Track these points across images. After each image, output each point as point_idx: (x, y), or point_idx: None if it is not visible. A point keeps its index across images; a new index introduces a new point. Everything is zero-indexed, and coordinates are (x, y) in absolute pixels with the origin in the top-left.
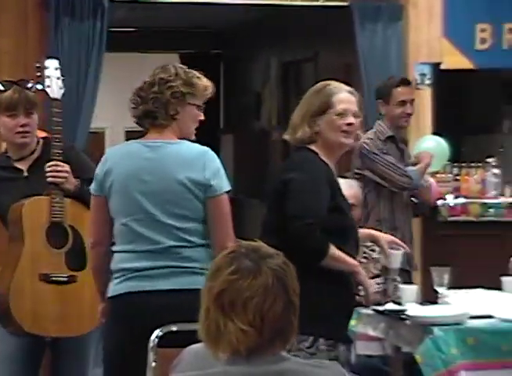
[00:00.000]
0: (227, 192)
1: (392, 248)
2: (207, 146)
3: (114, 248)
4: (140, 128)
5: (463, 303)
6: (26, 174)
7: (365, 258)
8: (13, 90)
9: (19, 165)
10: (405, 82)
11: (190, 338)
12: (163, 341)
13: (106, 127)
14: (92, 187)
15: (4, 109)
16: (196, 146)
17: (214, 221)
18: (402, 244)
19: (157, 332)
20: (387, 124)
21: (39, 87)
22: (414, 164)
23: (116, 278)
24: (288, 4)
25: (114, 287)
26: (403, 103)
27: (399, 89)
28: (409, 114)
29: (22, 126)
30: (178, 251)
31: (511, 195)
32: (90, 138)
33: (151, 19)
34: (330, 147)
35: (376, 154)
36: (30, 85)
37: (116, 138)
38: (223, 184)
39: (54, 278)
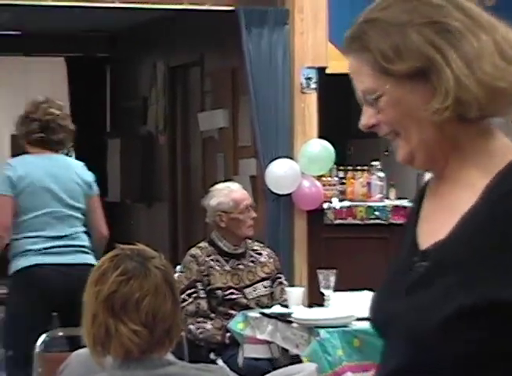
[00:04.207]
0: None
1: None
2: (94, 151)
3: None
4: None
5: (348, 305)
6: None
7: (252, 261)
8: None
9: None
10: None
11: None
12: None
13: None
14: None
15: None
16: None
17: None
18: None
19: (44, 337)
20: None
21: None
22: None
23: (21, 256)
24: (175, 8)
25: (19, 263)
26: None
27: None
28: None
29: None
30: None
31: (396, 198)
32: None
33: (37, 22)
34: None
35: None
36: None
37: (1, 143)
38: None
39: None
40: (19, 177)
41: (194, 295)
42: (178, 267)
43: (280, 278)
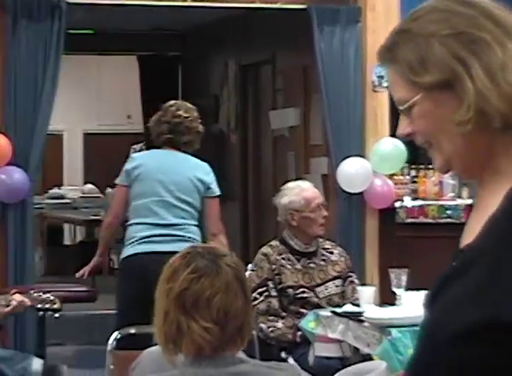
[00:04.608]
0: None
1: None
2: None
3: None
4: (98, 131)
5: (420, 305)
6: None
7: (323, 260)
8: None
9: None
10: None
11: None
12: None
13: (64, 129)
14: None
15: None
16: None
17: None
18: None
19: (115, 335)
20: None
21: None
22: None
23: (127, 245)
24: (247, 6)
25: (124, 252)
26: None
27: None
28: None
29: None
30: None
31: (468, 197)
32: (48, 140)
33: (109, 21)
34: None
35: None
36: None
37: (74, 140)
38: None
39: None
40: (134, 167)
41: (265, 294)
42: (250, 266)
43: (351, 277)
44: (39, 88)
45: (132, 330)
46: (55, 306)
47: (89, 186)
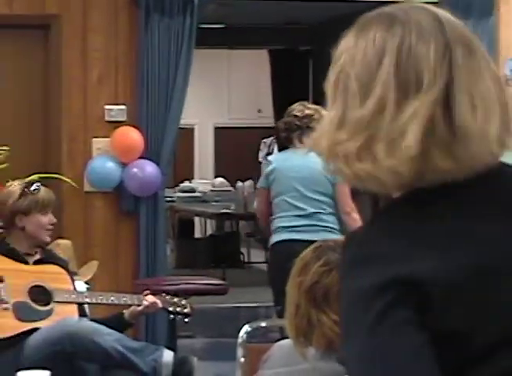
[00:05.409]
0: None
1: None
2: None
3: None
4: (228, 125)
5: None
6: None
7: None
8: (46, 190)
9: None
10: None
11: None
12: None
13: (195, 123)
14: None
15: (40, 208)
16: None
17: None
18: None
19: (246, 327)
20: None
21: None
22: None
23: (275, 233)
24: (378, 0)
25: (272, 239)
26: None
27: None
28: None
29: (52, 224)
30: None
31: None
32: (179, 134)
33: (240, 15)
34: None
35: None
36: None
37: (205, 134)
38: None
39: None
40: (271, 170)
41: None
42: None
43: None
44: (171, 82)
45: (263, 323)
46: (186, 310)
47: (220, 179)
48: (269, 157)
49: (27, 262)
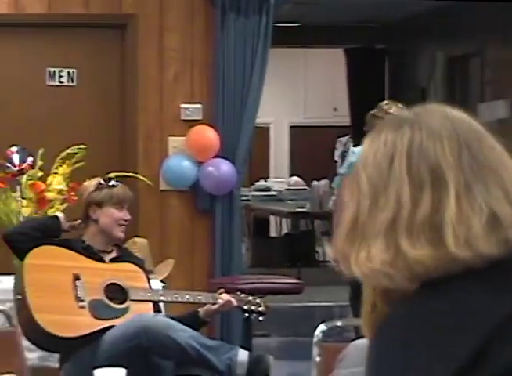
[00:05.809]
0: None
1: None
2: None
3: None
4: (304, 124)
5: None
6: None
7: None
8: (122, 187)
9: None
10: None
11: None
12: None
13: (270, 122)
14: None
15: (115, 202)
16: None
17: None
18: None
19: (321, 327)
20: None
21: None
22: None
23: None
24: None
25: None
26: None
27: None
28: None
29: (125, 220)
30: None
31: None
32: (255, 133)
33: (315, 14)
34: None
35: None
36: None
37: (280, 133)
38: None
39: None
40: (353, 162)
41: None
42: None
43: None
44: (247, 81)
45: (339, 323)
46: (260, 309)
47: (295, 178)
48: (355, 149)
49: (103, 260)
